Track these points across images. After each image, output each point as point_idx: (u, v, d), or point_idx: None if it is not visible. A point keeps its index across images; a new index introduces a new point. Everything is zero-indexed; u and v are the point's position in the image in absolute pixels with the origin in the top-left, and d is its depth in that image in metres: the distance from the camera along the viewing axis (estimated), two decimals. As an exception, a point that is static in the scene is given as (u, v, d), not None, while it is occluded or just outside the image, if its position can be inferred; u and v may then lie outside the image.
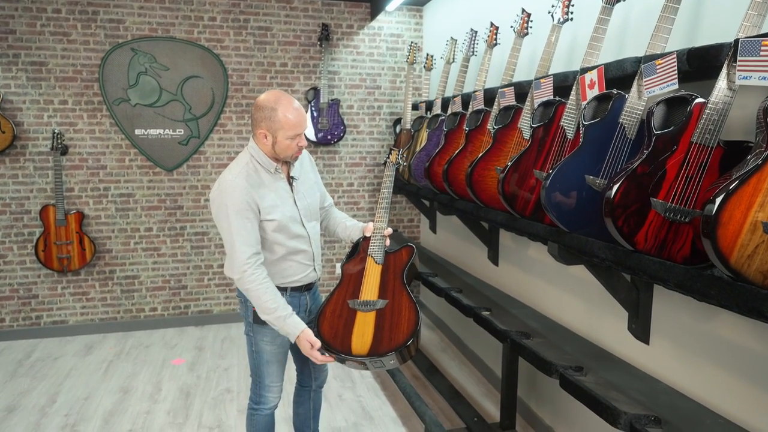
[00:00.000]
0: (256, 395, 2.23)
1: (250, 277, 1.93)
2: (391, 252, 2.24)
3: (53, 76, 4.01)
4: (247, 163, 2.01)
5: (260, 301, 1.94)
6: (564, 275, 2.60)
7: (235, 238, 1.92)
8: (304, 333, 1.93)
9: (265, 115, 1.93)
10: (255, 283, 1.93)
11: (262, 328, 2.10)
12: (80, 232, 4.11)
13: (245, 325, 2.19)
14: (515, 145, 2.46)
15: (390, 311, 2.05)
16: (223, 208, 1.93)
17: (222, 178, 1.99)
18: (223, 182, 1.96)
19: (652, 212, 1.52)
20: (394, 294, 2.11)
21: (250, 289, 1.94)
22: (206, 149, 4.33)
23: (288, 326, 1.94)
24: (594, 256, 1.76)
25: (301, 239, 2.12)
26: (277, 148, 1.97)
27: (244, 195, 1.93)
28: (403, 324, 1.99)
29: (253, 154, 2.02)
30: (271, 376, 2.19)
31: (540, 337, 2.21)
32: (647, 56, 1.74)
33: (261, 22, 4.30)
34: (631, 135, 1.79)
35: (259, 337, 2.14)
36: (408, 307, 2.06)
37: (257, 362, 2.18)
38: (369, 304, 2.08)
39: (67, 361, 3.80)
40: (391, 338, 1.94)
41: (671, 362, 1.96)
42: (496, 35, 3.04)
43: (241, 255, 1.92)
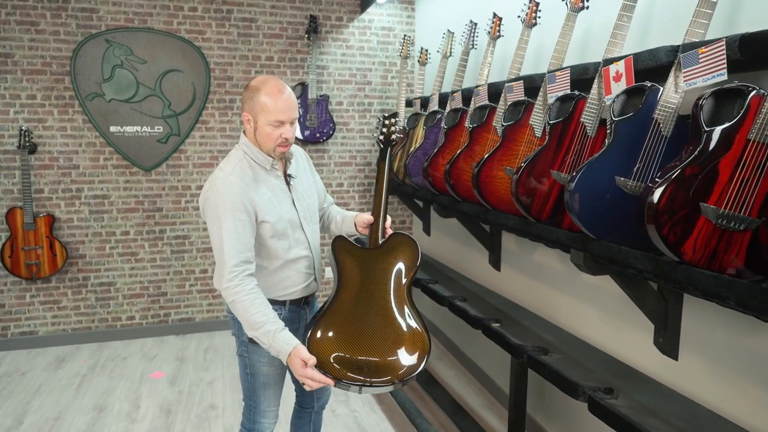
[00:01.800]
0: (249, 421, 2.00)
1: (236, 287, 1.69)
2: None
3: (20, 69, 3.72)
4: (240, 159, 1.80)
5: (246, 314, 1.68)
6: (577, 282, 2.43)
7: (224, 242, 1.69)
8: (296, 350, 1.63)
9: (249, 96, 1.75)
10: (240, 294, 1.68)
11: (258, 348, 1.85)
12: (51, 237, 3.82)
13: (238, 345, 1.95)
14: (526, 144, 2.27)
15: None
16: (213, 209, 1.72)
17: (213, 176, 1.77)
18: (214, 181, 1.75)
19: (702, 219, 1.35)
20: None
21: (236, 301, 1.69)
22: (187, 148, 4.08)
23: (278, 342, 1.65)
24: (629, 266, 1.58)
25: (301, 245, 1.90)
26: (258, 137, 1.77)
27: (238, 194, 1.72)
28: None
29: (246, 150, 1.82)
30: (268, 401, 1.96)
31: (558, 352, 2.03)
32: (686, 44, 1.56)
33: (245, 13, 4.06)
34: (666, 132, 1.61)
35: (255, 358, 1.90)
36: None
37: (252, 385, 1.94)
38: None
39: (36, 376, 3.52)
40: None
41: (704, 380, 1.80)
42: (500, 27, 2.86)
43: (228, 261, 1.69)
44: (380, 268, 1.81)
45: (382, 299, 1.74)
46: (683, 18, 1.80)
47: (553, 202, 2.01)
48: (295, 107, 1.79)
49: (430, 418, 2.97)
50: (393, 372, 1.61)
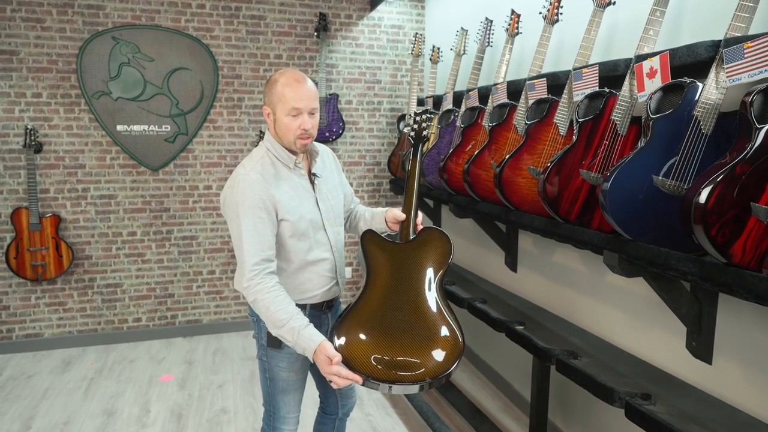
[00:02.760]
0: (269, 426, 1.94)
1: (257, 286, 1.63)
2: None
3: (25, 67, 3.65)
4: (262, 156, 1.76)
5: (269, 312, 1.62)
6: (601, 284, 2.38)
7: (243, 240, 1.65)
8: (321, 346, 1.56)
9: (268, 89, 1.72)
10: (262, 293, 1.63)
11: (277, 353, 1.81)
12: (56, 238, 3.76)
13: (258, 348, 1.90)
14: (551, 142, 2.22)
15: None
16: (233, 206, 1.67)
17: (234, 173, 1.73)
18: (234, 177, 1.71)
19: (753, 219, 1.30)
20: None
21: (257, 300, 1.63)
22: (195, 147, 4.02)
23: (303, 339, 1.59)
24: (670, 269, 1.53)
25: (322, 246, 1.84)
26: (278, 130, 1.72)
27: (258, 190, 1.67)
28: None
29: (269, 147, 1.77)
30: (288, 407, 1.90)
31: (586, 356, 1.98)
32: (729, 39, 1.51)
33: (254, 10, 4.00)
34: (707, 130, 1.56)
35: (274, 363, 1.85)
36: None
37: (272, 391, 1.89)
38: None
39: (42, 380, 3.45)
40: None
41: (741, 386, 1.75)
42: (518, 24, 2.81)
43: (248, 259, 1.64)
44: (411, 263, 1.73)
45: (414, 295, 1.66)
46: (720, 13, 1.76)
47: (581, 202, 1.96)
48: (315, 97, 1.73)
49: (447, 422, 2.92)
50: (423, 371, 1.52)
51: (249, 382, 3.40)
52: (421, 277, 1.70)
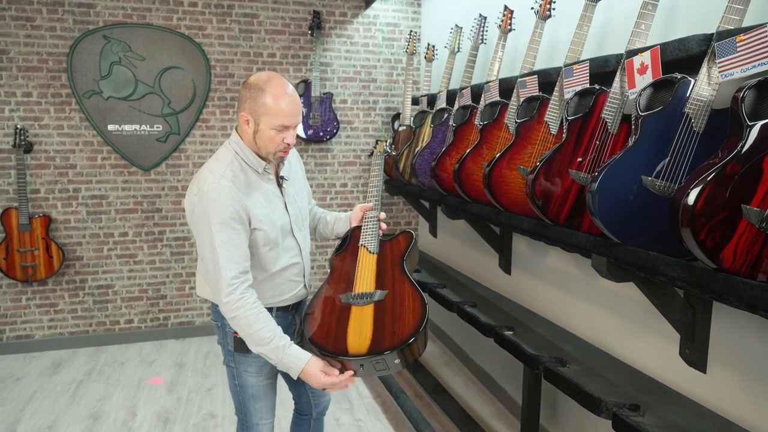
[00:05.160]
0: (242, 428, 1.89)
1: (238, 302, 1.57)
2: (386, 240, 1.92)
3: (15, 66, 3.61)
4: (231, 161, 1.66)
5: (251, 330, 1.57)
6: (594, 288, 2.30)
7: (219, 254, 1.56)
8: (310, 364, 1.56)
9: (250, 95, 1.59)
10: (243, 309, 1.57)
11: (245, 358, 1.76)
12: (47, 238, 3.72)
13: (225, 354, 1.83)
14: (542, 141, 2.15)
15: (391, 302, 1.72)
16: (205, 217, 1.58)
17: (201, 179, 1.62)
18: (204, 185, 1.60)
19: (744, 222, 1.22)
20: (394, 283, 1.78)
21: (238, 317, 1.57)
22: (187, 147, 3.97)
23: (289, 358, 1.56)
24: (659, 274, 1.46)
25: (291, 251, 1.79)
26: (258, 140, 1.63)
27: (232, 201, 1.58)
28: (407, 316, 1.66)
29: (238, 151, 1.68)
30: (260, 413, 1.84)
31: (576, 363, 1.91)
32: (721, 32, 1.44)
33: (246, 8, 3.95)
34: (698, 128, 1.49)
35: (243, 368, 1.78)
36: (412, 296, 1.72)
37: (242, 398, 1.83)
38: (365, 297, 1.75)
39: (30, 382, 3.41)
40: (395, 332, 1.61)
41: (735, 396, 1.67)
42: (511, 20, 2.73)
43: (226, 274, 1.56)
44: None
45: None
46: (714, 5, 1.68)
47: (571, 203, 1.89)
48: (300, 110, 1.67)
49: (437, 428, 2.85)
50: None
51: (239, 385, 3.34)
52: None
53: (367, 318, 1.68)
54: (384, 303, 1.72)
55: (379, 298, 1.73)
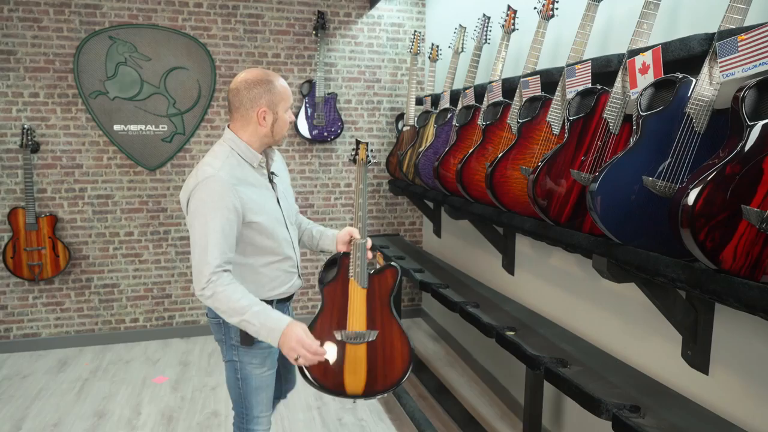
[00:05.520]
0: (242, 430, 1.90)
1: (216, 281, 1.60)
2: (374, 273, 1.96)
3: (23, 66, 3.65)
4: (228, 156, 1.72)
5: (230, 302, 1.60)
6: (597, 289, 2.29)
7: (210, 241, 1.61)
8: (291, 325, 1.62)
9: (263, 90, 1.70)
10: (221, 286, 1.60)
11: (249, 350, 1.80)
12: (53, 237, 3.75)
13: (226, 350, 1.85)
14: (543, 142, 2.15)
15: (381, 344, 1.90)
16: (201, 205, 1.63)
17: (200, 172, 1.67)
18: (202, 176, 1.65)
19: (744, 223, 1.22)
20: (383, 323, 1.92)
21: (217, 293, 1.59)
22: (192, 147, 3.99)
23: (270, 320, 1.61)
24: (659, 275, 1.45)
25: (287, 244, 1.86)
26: (277, 127, 1.76)
27: (229, 191, 1.64)
28: (397, 359, 1.89)
29: (234, 147, 1.74)
30: (261, 405, 1.87)
31: (577, 364, 1.90)
32: (723, 31, 1.43)
33: (251, 9, 3.96)
34: (700, 128, 1.48)
35: (247, 360, 1.82)
36: (400, 339, 1.92)
37: (244, 391, 1.85)
38: (359, 336, 1.89)
39: (37, 380, 3.44)
40: (386, 375, 1.87)
41: (738, 397, 1.66)
42: (514, 20, 2.73)
43: (212, 261, 1.60)
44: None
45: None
46: (716, 5, 1.67)
47: (572, 203, 1.88)
48: None
49: (440, 429, 2.85)
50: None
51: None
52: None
53: (361, 359, 1.88)
54: (375, 344, 1.90)
55: (371, 338, 1.89)
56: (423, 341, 4.08)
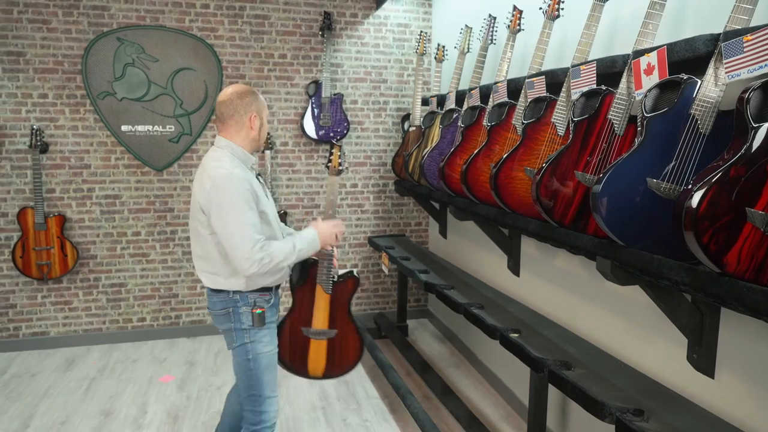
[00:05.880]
0: (254, 414, 2.00)
1: (263, 247, 1.84)
2: (338, 282, 2.36)
3: (32, 68, 3.68)
4: (231, 158, 1.93)
5: (282, 251, 1.89)
6: (602, 291, 2.28)
7: (244, 223, 1.82)
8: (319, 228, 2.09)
9: (251, 100, 1.97)
10: (268, 248, 1.86)
11: (259, 330, 1.98)
12: (62, 237, 3.78)
13: (236, 336, 1.98)
14: (548, 143, 2.14)
15: (339, 341, 2.38)
16: (228, 200, 1.82)
17: (213, 173, 1.85)
18: (217, 175, 1.84)
19: (748, 226, 1.20)
20: (342, 324, 2.38)
21: (269, 253, 1.85)
22: (199, 147, 4.01)
23: (308, 241, 2.01)
24: (662, 277, 1.44)
25: (280, 235, 2.08)
26: (262, 131, 2.03)
27: (246, 185, 1.87)
28: (350, 352, 2.40)
29: (232, 152, 1.95)
30: (271, 385, 2.02)
31: (581, 366, 1.89)
32: (728, 32, 1.41)
33: (258, 9, 3.97)
34: (705, 129, 1.47)
35: (258, 339, 1.98)
36: (354, 336, 2.40)
37: (256, 372, 1.98)
38: (321, 333, 2.36)
39: (45, 378, 3.47)
40: (341, 364, 2.40)
41: (744, 402, 1.64)
42: (520, 20, 2.72)
43: (252, 237, 1.82)
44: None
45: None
46: (723, 4, 1.65)
47: (577, 205, 1.87)
48: None
49: (444, 430, 2.84)
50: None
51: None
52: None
53: (321, 352, 2.37)
54: (334, 340, 2.37)
55: (331, 336, 2.36)
56: (428, 342, 4.08)
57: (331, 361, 2.37)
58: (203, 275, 1.98)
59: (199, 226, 1.92)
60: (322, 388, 3.34)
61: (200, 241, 1.94)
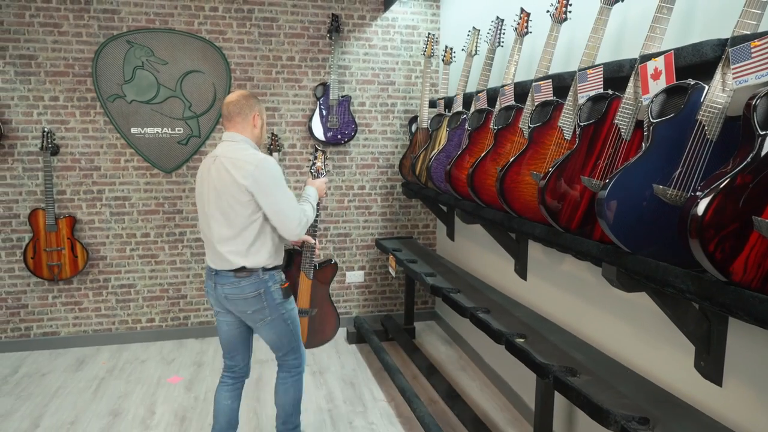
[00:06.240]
0: (296, 359, 2.44)
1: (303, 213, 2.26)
2: (318, 269, 2.94)
3: (43, 71, 3.73)
4: (254, 147, 2.27)
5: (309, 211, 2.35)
6: (610, 296, 2.26)
7: (290, 198, 2.21)
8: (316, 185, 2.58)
9: (254, 101, 2.30)
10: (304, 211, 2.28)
11: (288, 300, 2.35)
12: (72, 238, 3.82)
13: (270, 311, 2.27)
14: (555, 147, 2.12)
15: (319, 318, 2.96)
16: (273, 180, 2.15)
17: (254, 158, 2.14)
18: (256, 160, 2.14)
19: (755, 235, 1.19)
20: (321, 304, 2.97)
21: (305, 214, 2.28)
22: (207, 149, 4.03)
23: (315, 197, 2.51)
24: (668, 285, 1.43)
25: None
26: (264, 130, 2.36)
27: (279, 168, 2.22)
28: (327, 327, 3.01)
29: (248, 143, 2.25)
30: (300, 339, 2.46)
31: (587, 373, 1.87)
32: (736, 37, 1.40)
33: (266, 12, 3.99)
34: (712, 135, 1.45)
35: (289, 306, 2.35)
36: (331, 314, 3.01)
37: (293, 331, 2.39)
38: (304, 312, 2.90)
39: (55, 378, 3.51)
40: (321, 337, 3.01)
41: (752, 411, 1.62)
42: (527, 23, 2.70)
43: (297, 207, 2.24)
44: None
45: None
46: (732, 9, 1.63)
47: (583, 210, 1.86)
48: None
49: (450, 434, 2.84)
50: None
51: (255, 386, 3.38)
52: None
53: (304, 326, 2.92)
54: (315, 318, 2.94)
55: (312, 314, 2.93)
56: (436, 345, 4.07)
57: (312, 335, 2.94)
58: (232, 256, 2.18)
59: (239, 208, 2.14)
60: (329, 390, 3.35)
61: (234, 222, 2.17)
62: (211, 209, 2.19)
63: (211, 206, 2.19)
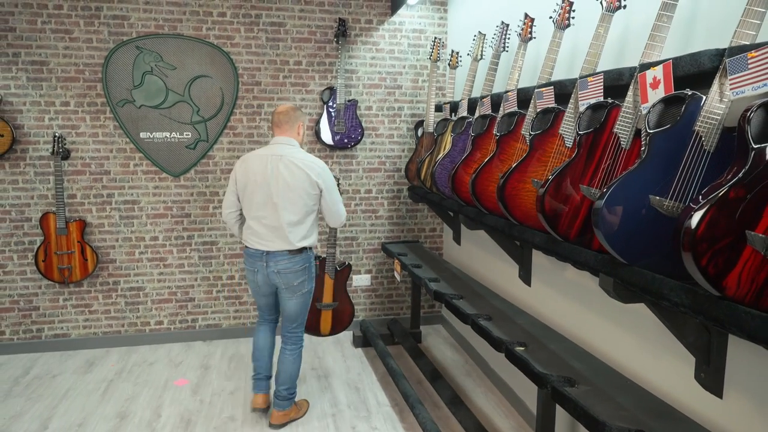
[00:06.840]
0: (301, 333, 2.98)
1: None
2: (338, 270, 3.64)
3: (54, 77, 3.79)
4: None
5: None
6: (610, 304, 2.24)
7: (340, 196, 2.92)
8: None
9: (299, 113, 2.85)
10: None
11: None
12: (82, 242, 3.88)
13: (308, 283, 2.88)
14: (556, 155, 2.11)
15: (339, 309, 3.67)
16: (331, 179, 2.84)
17: (317, 162, 2.81)
18: (321, 164, 2.82)
19: (748, 249, 1.17)
20: (341, 299, 3.67)
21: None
22: (215, 153, 4.07)
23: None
24: (663, 298, 1.41)
25: None
26: (305, 138, 2.96)
27: None
28: (346, 317, 3.70)
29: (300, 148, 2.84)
30: None
31: (586, 383, 1.86)
32: (733, 48, 1.38)
33: (274, 17, 4.01)
34: (709, 146, 1.43)
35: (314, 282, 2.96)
36: (349, 307, 3.71)
37: (309, 306, 2.97)
38: (328, 306, 3.63)
39: (65, 380, 3.57)
40: (341, 326, 3.71)
41: (753, 424, 1.60)
42: (532, 28, 2.69)
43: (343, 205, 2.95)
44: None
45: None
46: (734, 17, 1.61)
47: (582, 219, 1.85)
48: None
49: (453, 440, 2.83)
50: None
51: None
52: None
53: (328, 318, 3.65)
54: (336, 309, 3.65)
55: (334, 307, 3.64)
56: (441, 349, 4.06)
57: (334, 324, 3.65)
58: (297, 238, 2.75)
59: (307, 199, 2.74)
60: (333, 394, 3.36)
61: (302, 210, 2.74)
62: (281, 199, 2.70)
63: (280, 197, 2.70)
